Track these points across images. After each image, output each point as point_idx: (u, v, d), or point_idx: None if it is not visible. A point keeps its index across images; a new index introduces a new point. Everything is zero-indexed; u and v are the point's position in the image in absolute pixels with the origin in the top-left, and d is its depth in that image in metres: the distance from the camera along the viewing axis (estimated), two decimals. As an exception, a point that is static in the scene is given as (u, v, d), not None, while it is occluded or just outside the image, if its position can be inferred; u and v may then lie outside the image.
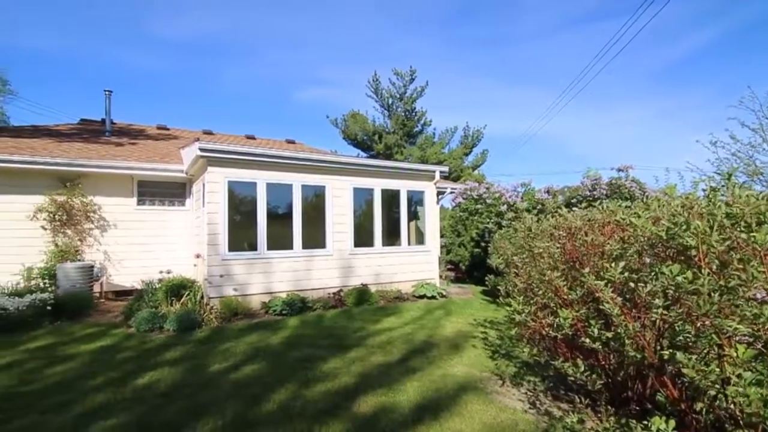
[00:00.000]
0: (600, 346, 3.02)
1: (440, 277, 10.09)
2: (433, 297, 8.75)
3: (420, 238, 9.92)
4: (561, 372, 3.87)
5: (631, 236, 2.74)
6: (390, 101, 24.49)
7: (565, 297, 3.28)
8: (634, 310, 2.81)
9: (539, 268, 3.59)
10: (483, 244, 11.38)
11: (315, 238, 8.30)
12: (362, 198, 9.05)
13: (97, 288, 8.49)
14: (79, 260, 8.41)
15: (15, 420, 3.30)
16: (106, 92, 11.67)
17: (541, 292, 3.46)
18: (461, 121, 40.48)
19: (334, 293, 7.99)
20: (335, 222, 8.46)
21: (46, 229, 8.34)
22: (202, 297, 7.16)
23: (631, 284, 2.49)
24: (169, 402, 3.61)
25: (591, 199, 9.32)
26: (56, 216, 8.33)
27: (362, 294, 7.97)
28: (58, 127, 11.74)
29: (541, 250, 3.47)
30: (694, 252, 2.22)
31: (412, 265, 9.35)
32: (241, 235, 7.64)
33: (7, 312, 6.09)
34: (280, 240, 7.89)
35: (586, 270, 2.83)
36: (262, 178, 7.71)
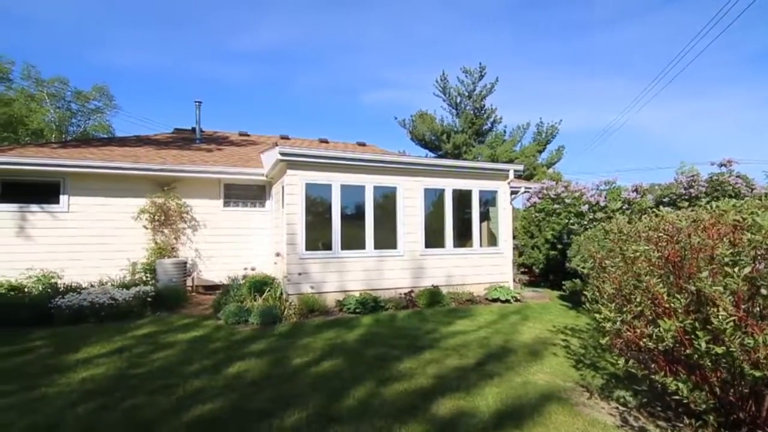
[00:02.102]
0: (708, 362, 2.72)
1: (513, 280, 9.72)
2: (507, 301, 8.46)
3: (492, 240, 9.64)
4: (656, 387, 3.54)
5: (751, 239, 2.42)
6: (458, 100, 24.12)
7: (666, 305, 2.99)
8: (753, 322, 2.49)
9: (634, 273, 3.31)
10: (560, 246, 10.78)
11: (386, 238, 8.40)
12: (433, 198, 9.00)
13: (189, 282, 9.30)
14: (175, 257, 9.28)
15: (128, 399, 3.70)
16: (196, 103, 12.80)
17: (637, 299, 3.19)
18: (534, 117, 38.70)
19: (405, 294, 8.02)
20: (406, 223, 8.50)
21: (147, 228, 9.30)
22: (281, 293, 7.56)
23: (764, 291, 2.19)
24: (258, 391, 3.85)
25: (687, 197, 8.44)
26: (156, 216, 9.27)
27: (434, 295, 7.91)
28: (156, 136, 13.06)
29: (637, 254, 3.20)
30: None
31: (485, 268, 9.11)
32: (317, 235, 7.95)
33: (117, 302, 6.87)
34: (353, 240, 8.09)
35: (704, 274, 2.55)
36: (336, 180, 7.96)
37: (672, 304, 2.93)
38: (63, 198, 8.73)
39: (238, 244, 9.97)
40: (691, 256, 2.98)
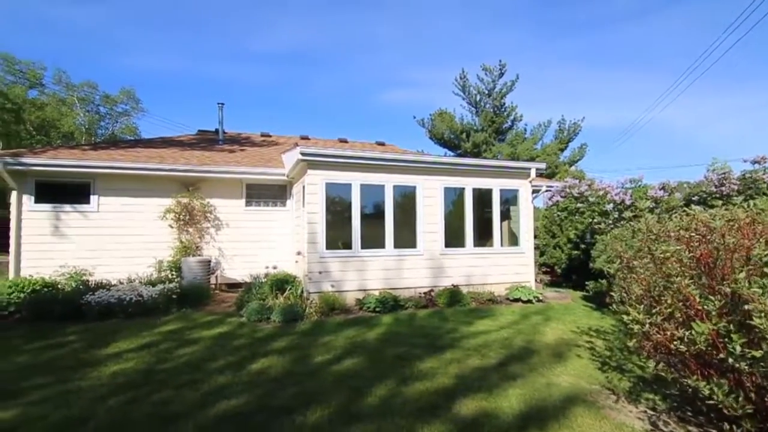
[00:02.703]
0: (744, 366, 2.62)
1: (535, 280, 9.58)
2: (529, 301, 8.34)
3: (513, 239, 9.52)
4: (687, 391, 3.43)
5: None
6: (478, 98, 23.88)
7: (698, 307, 2.90)
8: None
9: (663, 274, 3.21)
10: (583, 245, 10.55)
11: (406, 238, 8.39)
12: (453, 197, 8.95)
13: (212, 280, 9.49)
14: (199, 255, 9.49)
15: (156, 393, 3.80)
16: (219, 105, 13.06)
17: (667, 301, 3.09)
18: (555, 115, 38.01)
19: (425, 293, 8.00)
20: (426, 222, 8.47)
21: (172, 227, 9.53)
22: (302, 292, 7.64)
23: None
24: (281, 388, 3.90)
25: (718, 195, 8.14)
26: (181, 216, 9.49)
27: (454, 295, 7.86)
28: (181, 137, 13.37)
29: (668, 254, 3.10)
30: None
31: (506, 267, 9.00)
32: (337, 235, 8.00)
33: (144, 299, 7.07)
34: (372, 239, 8.11)
35: (741, 275, 2.46)
36: (356, 180, 7.99)
37: (705, 306, 2.84)
38: (93, 198, 9.04)
39: (260, 243, 10.12)
40: (725, 257, 2.88)
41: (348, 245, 7.96)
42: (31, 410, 3.41)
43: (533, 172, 9.19)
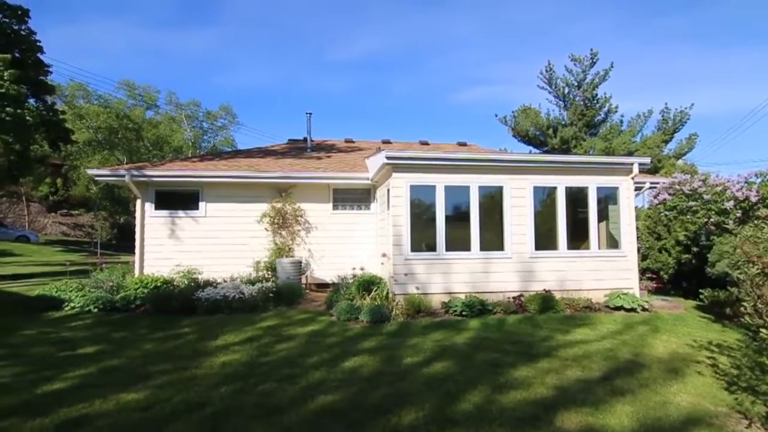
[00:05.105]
0: None
1: (639, 287, 8.69)
2: (632, 309, 7.59)
3: (612, 242, 8.74)
4: None
5: None
6: (566, 91, 22.41)
7: None
8: None
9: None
10: (695, 248, 9.36)
11: (492, 240, 8.12)
12: (542, 197, 8.48)
13: (303, 280, 10.02)
14: (291, 256, 10.08)
15: (260, 384, 4.08)
16: (307, 114, 13.83)
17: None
18: (657, 103, 34.35)
19: (514, 298, 7.65)
20: (513, 223, 8.12)
21: (267, 230, 10.25)
22: (387, 293, 7.74)
23: None
24: (374, 387, 3.97)
25: None
26: (275, 220, 10.18)
27: (546, 300, 7.42)
28: (274, 147, 14.36)
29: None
30: None
31: (604, 272, 8.29)
32: (421, 237, 7.99)
33: (245, 296, 7.67)
34: (457, 241, 7.97)
35: None
36: (440, 182, 7.93)
37: None
38: (201, 204, 10.06)
39: (346, 245, 10.48)
40: None
41: (432, 247, 7.91)
42: (158, 393, 3.86)
43: (636, 168, 8.37)
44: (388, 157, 7.66)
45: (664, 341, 5.75)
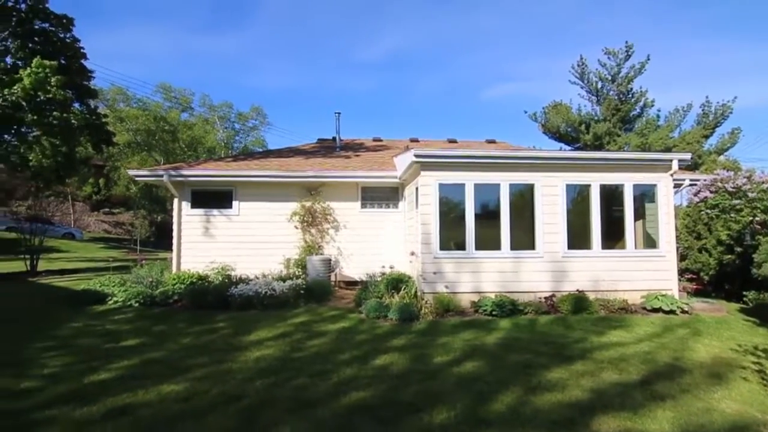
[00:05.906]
0: None
1: (678, 288, 8.34)
2: (671, 312, 7.29)
3: (650, 241, 8.43)
4: None
5: None
6: (599, 85, 21.76)
7: None
8: None
9: None
10: (739, 249, 8.90)
11: (523, 239, 7.98)
12: (575, 195, 8.26)
13: (332, 278, 10.14)
14: (320, 254, 10.22)
15: (293, 379, 4.17)
16: (336, 114, 13.99)
17: None
18: (697, 97, 32.76)
19: (545, 298, 7.50)
20: (545, 222, 7.95)
21: (297, 228, 10.44)
22: (416, 292, 7.74)
23: None
24: (404, 385, 3.99)
25: None
26: (304, 218, 10.35)
27: (579, 301, 7.24)
28: (303, 146, 14.57)
29: None
30: None
31: (641, 273, 8.00)
32: (450, 235, 7.94)
33: (276, 293, 7.84)
34: (487, 240, 7.87)
35: None
36: (470, 180, 7.85)
37: None
38: (235, 203, 10.34)
39: (374, 243, 10.54)
40: None
41: (461, 246, 7.85)
42: (196, 385, 4.01)
43: (675, 164, 8.02)
44: (416, 156, 7.64)
45: (706, 345, 5.51)
